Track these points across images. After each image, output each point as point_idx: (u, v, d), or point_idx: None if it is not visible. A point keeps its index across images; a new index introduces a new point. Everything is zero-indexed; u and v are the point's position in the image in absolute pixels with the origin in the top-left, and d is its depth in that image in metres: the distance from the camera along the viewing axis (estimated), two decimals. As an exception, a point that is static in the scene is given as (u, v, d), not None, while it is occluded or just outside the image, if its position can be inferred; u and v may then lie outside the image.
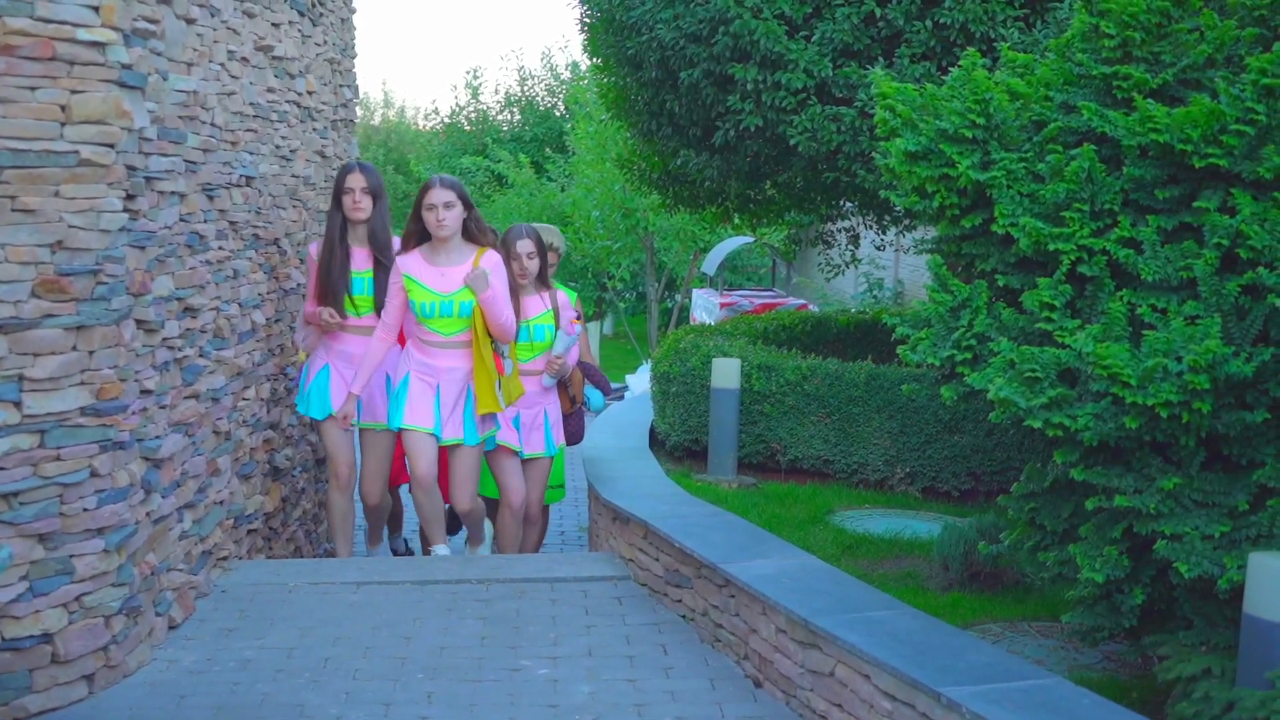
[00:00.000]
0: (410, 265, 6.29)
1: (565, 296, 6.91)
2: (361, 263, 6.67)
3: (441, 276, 6.24)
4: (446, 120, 36.44)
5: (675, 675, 4.84)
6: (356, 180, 6.63)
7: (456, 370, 6.31)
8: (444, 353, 6.31)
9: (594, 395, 7.30)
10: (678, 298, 25.51)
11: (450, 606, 5.54)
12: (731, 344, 8.80)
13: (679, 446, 8.50)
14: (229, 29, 5.94)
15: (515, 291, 6.53)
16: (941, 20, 7.77)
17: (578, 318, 7.09)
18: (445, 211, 6.19)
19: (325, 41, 7.93)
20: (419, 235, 6.34)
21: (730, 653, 5.02)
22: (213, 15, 5.69)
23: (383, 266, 6.62)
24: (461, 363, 6.30)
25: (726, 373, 7.80)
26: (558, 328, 6.75)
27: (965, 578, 5.67)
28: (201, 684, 4.69)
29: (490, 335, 6.26)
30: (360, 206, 6.61)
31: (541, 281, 6.78)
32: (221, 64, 5.83)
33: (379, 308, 6.57)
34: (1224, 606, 4.12)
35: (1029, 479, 4.67)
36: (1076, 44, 4.71)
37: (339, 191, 6.64)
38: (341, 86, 8.52)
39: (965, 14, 7.70)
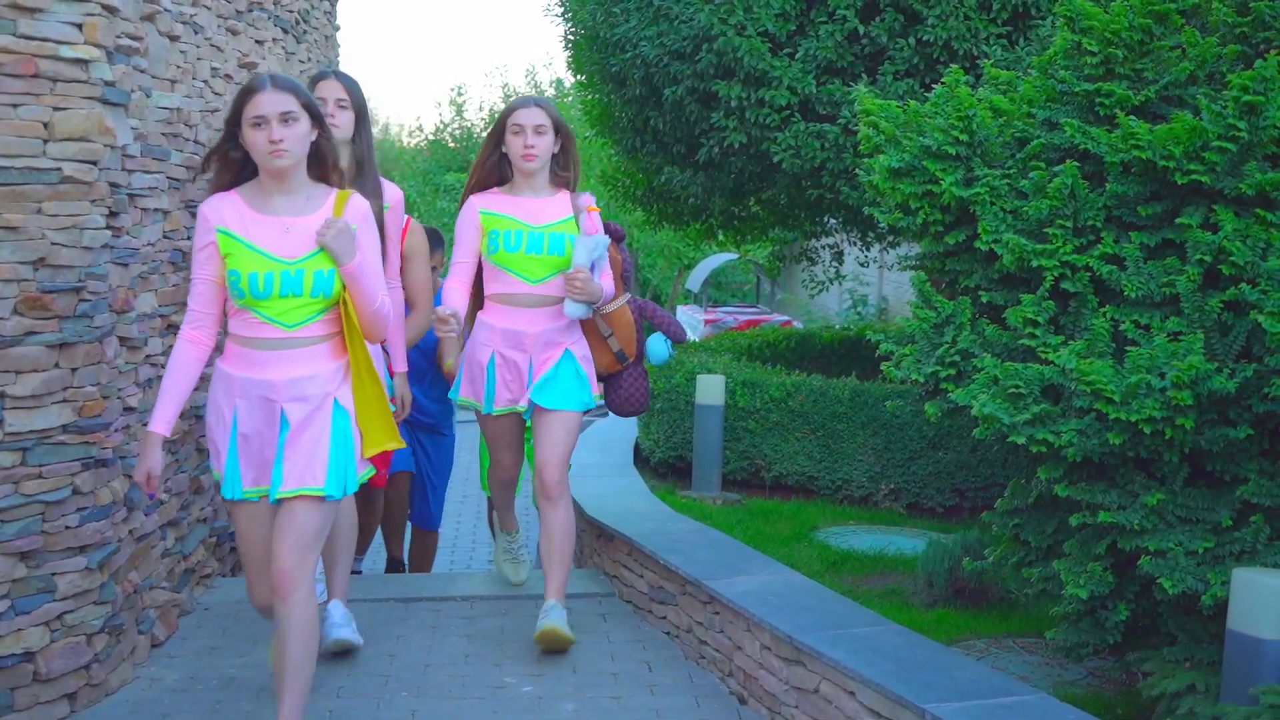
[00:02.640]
0: (226, 212, 3.94)
1: (591, 198, 5.14)
2: None
3: (285, 233, 3.91)
4: (431, 137, 36.48)
5: (659, 692, 4.82)
6: (331, 89, 5.01)
7: (306, 384, 3.94)
8: (284, 357, 3.93)
9: (655, 344, 5.55)
10: (662, 314, 25.52)
11: (434, 624, 5.52)
12: (716, 360, 8.81)
13: (663, 463, 8.50)
14: (213, 46, 5.94)
15: (506, 179, 5.07)
16: (924, 37, 7.81)
17: (619, 248, 5.44)
18: (282, 128, 3.83)
19: (309, 59, 7.93)
20: (236, 167, 4.01)
21: (715, 670, 5.01)
22: (196, 32, 5.69)
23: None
24: (318, 368, 3.96)
25: (711, 389, 7.81)
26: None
27: (950, 594, 5.67)
28: (184, 702, 4.66)
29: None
30: (336, 123, 4.91)
31: (560, 177, 5.12)
32: (205, 81, 5.83)
33: None
34: (1208, 622, 4.13)
35: (1013, 495, 4.68)
36: (1059, 61, 4.73)
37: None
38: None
39: (948, 31, 7.74)
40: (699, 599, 5.14)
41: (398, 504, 6.62)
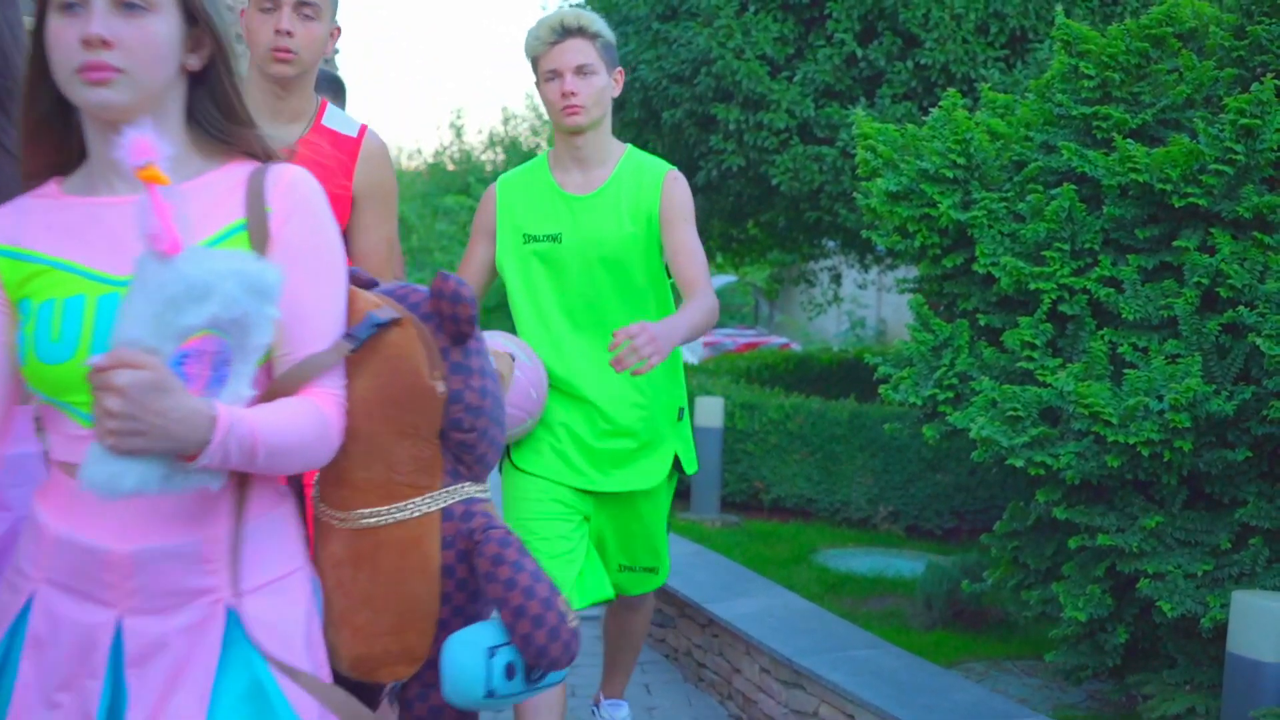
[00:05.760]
0: None
1: (310, 186, 1.91)
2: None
3: None
4: (430, 160, 36.51)
5: (659, 715, 4.81)
6: None
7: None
8: None
9: (460, 654, 1.95)
10: (661, 336, 25.50)
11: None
12: (714, 383, 8.81)
13: (662, 485, 8.49)
14: (213, 69, 5.95)
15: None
16: (922, 61, 7.83)
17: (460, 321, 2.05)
18: None
19: (309, 81, 7.95)
20: None
21: (714, 693, 5.00)
22: (196, 55, 5.70)
23: None
24: None
25: (709, 411, 7.80)
26: None
27: (949, 616, 5.65)
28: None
29: None
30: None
31: (222, 137, 1.93)
32: (205, 103, 5.84)
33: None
34: (1207, 645, 4.12)
35: (1011, 518, 4.67)
36: (1056, 84, 4.74)
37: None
38: (325, 126, 8.51)
39: (946, 55, 7.76)
40: (698, 621, 5.13)
41: None
